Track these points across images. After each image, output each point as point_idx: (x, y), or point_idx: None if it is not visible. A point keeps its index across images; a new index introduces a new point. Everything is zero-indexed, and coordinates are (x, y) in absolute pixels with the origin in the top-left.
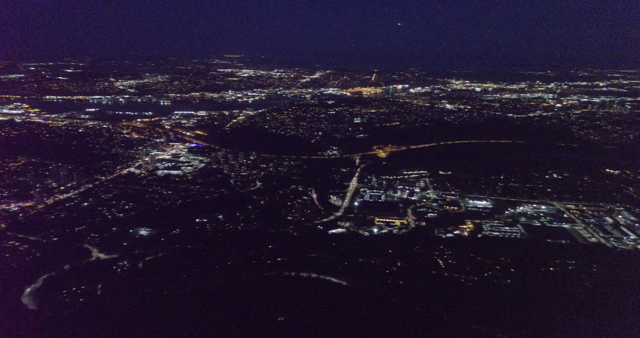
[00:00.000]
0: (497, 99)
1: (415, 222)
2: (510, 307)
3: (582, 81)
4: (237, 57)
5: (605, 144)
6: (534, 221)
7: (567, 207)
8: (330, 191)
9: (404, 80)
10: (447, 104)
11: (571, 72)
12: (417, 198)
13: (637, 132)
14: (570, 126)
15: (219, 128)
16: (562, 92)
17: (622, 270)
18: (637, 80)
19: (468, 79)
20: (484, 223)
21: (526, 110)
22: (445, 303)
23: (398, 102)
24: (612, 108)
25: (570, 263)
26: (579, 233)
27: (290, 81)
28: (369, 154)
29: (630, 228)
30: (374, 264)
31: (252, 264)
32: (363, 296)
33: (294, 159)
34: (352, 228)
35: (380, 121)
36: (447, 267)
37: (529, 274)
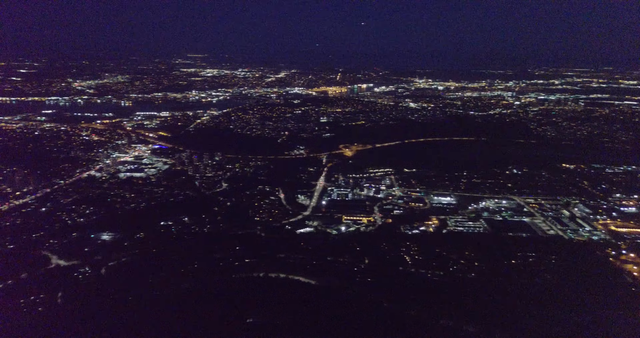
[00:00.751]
0: (459, 97)
1: (382, 219)
2: (475, 299)
3: (538, 79)
4: (200, 57)
5: (561, 140)
6: (495, 215)
7: (526, 201)
8: (297, 191)
9: (369, 79)
10: (411, 103)
11: (528, 70)
12: (384, 195)
13: (590, 128)
14: (529, 123)
15: (182, 128)
16: (520, 90)
17: (578, 260)
18: (590, 78)
19: (431, 78)
20: (448, 219)
21: (487, 108)
22: (413, 298)
23: (363, 102)
24: (567, 105)
25: (531, 255)
26: (538, 226)
27: (255, 80)
28: (336, 153)
29: (586, 219)
30: (342, 262)
31: (220, 266)
32: (332, 294)
33: (260, 160)
34: (320, 227)
35: (346, 120)
36: (413, 263)
37: (492, 267)
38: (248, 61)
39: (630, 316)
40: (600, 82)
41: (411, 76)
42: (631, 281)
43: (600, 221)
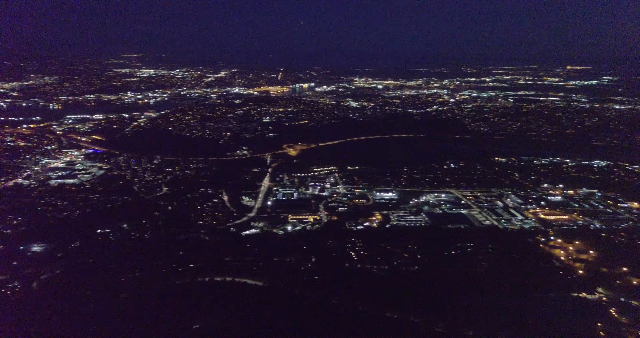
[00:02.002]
0: (397, 95)
1: (327, 217)
2: (419, 291)
3: (471, 78)
4: (135, 57)
5: (494, 135)
6: (435, 209)
7: (464, 194)
8: (242, 192)
9: (310, 79)
10: (352, 102)
11: (462, 69)
12: (328, 193)
13: (519, 123)
14: (464, 119)
15: (118, 131)
16: (455, 88)
17: (512, 248)
18: (517, 76)
19: (370, 77)
20: (391, 214)
21: (424, 105)
22: (360, 293)
23: (305, 101)
24: (498, 102)
25: (469, 245)
26: (475, 217)
27: (194, 80)
28: (280, 152)
29: (517, 209)
30: (289, 262)
31: (163, 272)
32: (280, 295)
33: (202, 161)
34: (266, 228)
35: (289, 120)
36: (359, 259)
37: (433, 259)
38: (186, 61)
39: (560, 297)
40: (527, 79)
41: (351, 75)
42: (559, 265)
43: (530, 210)
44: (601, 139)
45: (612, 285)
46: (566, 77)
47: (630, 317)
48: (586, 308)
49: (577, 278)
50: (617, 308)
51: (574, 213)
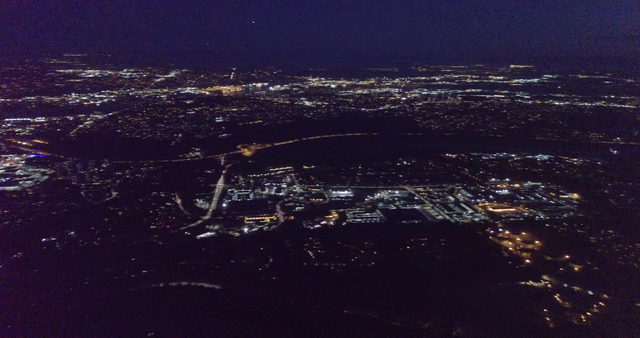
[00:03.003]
0: (351, 94)
1: (284, 217)
2: (376, 286)
3: (421, 76)
4: (79, 57)
5: (444, 132)
6: (390, 205)
7: (416, 190)
8: (195, 195)
9: (263, 78)
10: (306, 101)
11: (412, 68)
12: (285, 193)
13: (467, 119)
14: (415, 117)
15: (62, 135)
16: (406, 87)
17: (464, 240)
18: (464, 74)
19: (324, 77)
20: (347, 212)
21: (377, 104)
22: (318, 292)
23: (259, 101)
24: (447, 100)
25: (423, 240)
26: (428, 212)
27: (143, 81)
28: (234, 153)
29: (468, 203)
30: (246, 264)
31: (114, 280)
32: (237, 297)
33: (153, 164)
34: (222, 230)
35: (243, 120)
36: (316, 257)
37: (389, 254)
38: (133, 61)
39: (509, 286)
40: (474, 78)
41: (305, 75)
42: (507, 255)
43: (480, 204)
44: (543, 134)
45: (556, 272)
46: (510, 76)
47: (572, 301)
48: (533, 295)
49: (524, 267)
50: (561, 294)
51: (520, 205)
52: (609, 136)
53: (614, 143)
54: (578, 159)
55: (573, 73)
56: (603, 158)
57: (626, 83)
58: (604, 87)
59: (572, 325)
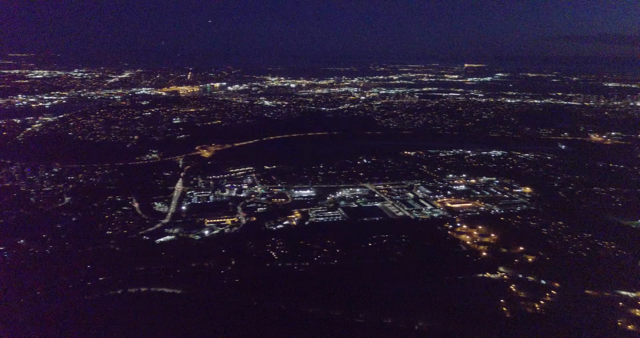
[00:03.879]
0: (310, 94)
1: (246, 218)
2: (339, 284)
3: (380, 75)
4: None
5: (402, 130)
6: (351, 203)
7: (377, 187)
8: (153, 198)
9: (222, 78)
10: (265, 101)
11: (370, 67)
12: (246, 194)
13: (425, 118)
14: (374, 116)
15: (9, 138)
16: (364, 86)
17: (424, 236)
18: (421, 73)
19: (283, 76)
20: (309, 211)
21: (336, 103)
22: (282, 292)
23: (218, 101)
24: (405, 98)
25: (384, 236)
26: (388, 209)
27: (96, 81)
28: (193, 154)
29: (427, 199)
30: (208, 267)
31: (69, 289)
32: (199, 301)
33: (108, 167)
34: (182, 234)
35: (201, 120)
36: (280, 257)
37: (351, 252)
38: (85, 61)
39: (468, 278)
40: (430, 77)
41: (264, 74)
42: (465, 249)
43: (438, 200)
44: (496, 131)
45: (511, 263)
46: (464, 74)
47: (527, 291)
48: (490, 286)
49: (481, 260)
50: (517, 284)
51: (477, 200)
52: (557, 132)
53: (562, 138)
54: (529, 154)
55: (523, 72)
56: (552, 152)
57: (572, 81)
58: (551, 85)
59: (527, 313)
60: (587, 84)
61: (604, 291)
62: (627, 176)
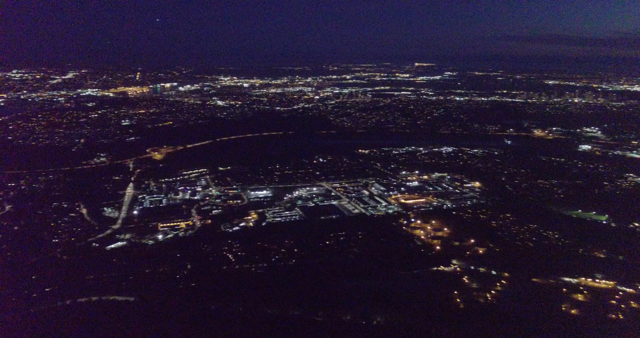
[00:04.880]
0: (264, 93)
1: (201, 221)
2: (297, 284)
3: (333, 75)
4: None
5: (356, 129)
6: (308, 202)
7: (333, 186)
8: (103, 203)
9: (172, 78)
10: (218, 101)
11: (324, 67)
12: (200, 197)
13: (378, 116)
14: (328, 115)
15: None
16: (318, 86)
17: (380, 232)
18: (373, 72)
19: (236, 76)
20: (266, 211)
21: (291, 103)
22: (240, 294)
23: (168, 101)
24: (358, 97)
25: (341, 234)
26: (345, 207)
27: (37, 82)
28: (144, 157)
29: (381, 196)
30: (162, 272)
31: (12, 302)
32: (154, 308)
33: (52, 173)
34: (134, 239)
35: (152, 122)
36: (237, 260)
37: (309, 251)
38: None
39: (422, 273)
40: (382, 76)
41: (216, 74)
42: (420, 244)
43: (392, 196)
44: (446, 128)
45: (463, 256)
46: (415, 73)
47: (479, 282)
48: (444, 279)
49: (435, 253)
50: (469, 276)
51: (429, 196)
52: (503, 128)
53: (508, 134)
54: (478, 150)
55: (471, 70)
56: (499, 148)
57: (516, 79)
58: (497, 83)
59: (479, 303)
60: (529, 82)
61: (549, 279)
62: (567, 169)
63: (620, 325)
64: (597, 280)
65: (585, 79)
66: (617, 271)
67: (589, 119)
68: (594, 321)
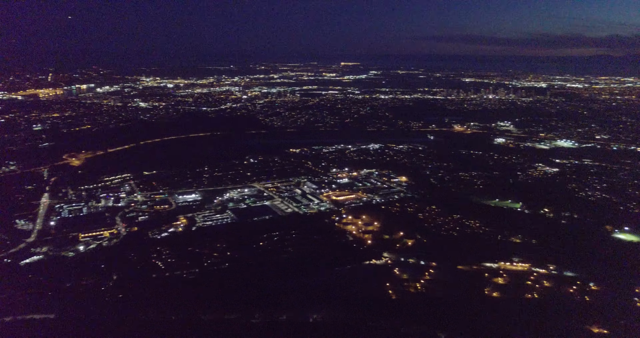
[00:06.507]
0: (190, 94)
1: (126, 229)
2: (232, 288)
3: (260, 74)
4: None
5: (286, 128)
6: (240, 204)
7: (265, 186)
8: (15, 215)
9: (89, 79)
10: (140, 103)
11: (251, 66)
12: (125, 203)
13: (307, 115)
14: (257, 115)
15: None
16: (246, 85)
17: (313, 230)
18: (301, 72)
19: (159, 76)
20: (196, 216)
21: (218, 103)
22: (172, 302)
23: (85, 104)
24: (287, 97)
25: (275, 234)
26: (278, 207)
27: None
28: (60, 164)
29: (313, 194)
30: (85, 285)
31: None
32: (78, 323)
33: None
34: (52, 252)
35: (68, 126)
36: (167, 267)
37: (243, 253)
38: None
39: (356, 267)
40: (309, 75)
41: (137, 75)
42: (352, 239)
43: (324, 194)
44: (373, 126)
45: (393, 248)
46: (341, 72)
47: (409, 273)
48: (376, 272)
49: (367, 247)
50: (399, 267)
51: (359, 191)
52: (426, 124)
53: (430, 130)
54: (403, 146)
55: (394, 69)
56: (423, 143)
57: (436, 77)
58: (419, 82)
59: (410, 293)
60: (448, 80)
61: (473, 265)
62: (485, 161)
63: (536, 303)
64: (515, 263)
65: (498, 77)
66: (531, 254)
67: (502, 114)
68: (513, 301)
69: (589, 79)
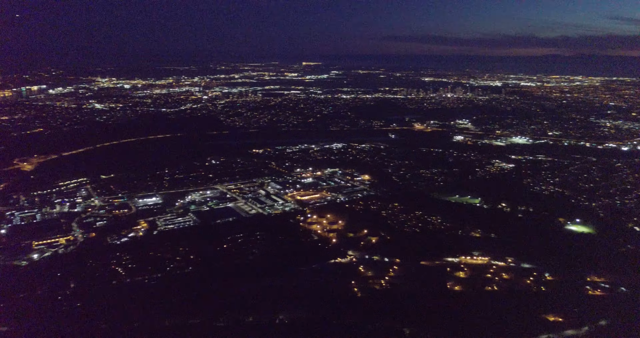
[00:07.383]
0: (148, 95)
1: (83, 235)
2: (196, 291)
3: (221, 74)
4: None
5: (249, 128)
6: (202, 206)
7: (228, 188)
8: None
9: (40, 80)
10: (96, 104)
11: (211, 66)
12: (81, 208)
13: (270, 115)
14: (218, 115)
15: None
16: (206, 85)
17: (278, 231)
18: (262, 72)
19: (115, 76)
20: (157, 219)
21: (178, 104)
22: (134, 309)
23: (37, 106)
24: (248, 97)
25: (239, 236)
26: (241, 208)
27: None
28: (11, 169)
29: (278, 195)
30: (40, 295)
31: None
32: (32, 335)
33: None
34: (3, 262)
35: (18, 129)
36: (127, 273)
37: (206, 256)
38: None
39: (322, 266)
40: (271, 75)
41: (92, 75)
42: (317, 238)
43: (289, 194)
44: (336, 125)
45: (358, 246)
46: (303, 72)
47: (373, 270)
48: (342, 270)
49: (332, 246)
50: (364, 265)
51: (323, 191)
52: (387, 123)
53: (392, 129)
54: (365, 145)
55: (355, 69)
56: (384, 142)
57: (396, 77)
58: (380, 81)
59: (375, 290)
60: (408, 79)
61: (435, 260)
62: (445, 158)
63: (496, 295)
64: (475, 257)
65: (456, 76)
66: (490, 248)
67: (460, 112)
68: (474, 294)
69: (541, 77)
